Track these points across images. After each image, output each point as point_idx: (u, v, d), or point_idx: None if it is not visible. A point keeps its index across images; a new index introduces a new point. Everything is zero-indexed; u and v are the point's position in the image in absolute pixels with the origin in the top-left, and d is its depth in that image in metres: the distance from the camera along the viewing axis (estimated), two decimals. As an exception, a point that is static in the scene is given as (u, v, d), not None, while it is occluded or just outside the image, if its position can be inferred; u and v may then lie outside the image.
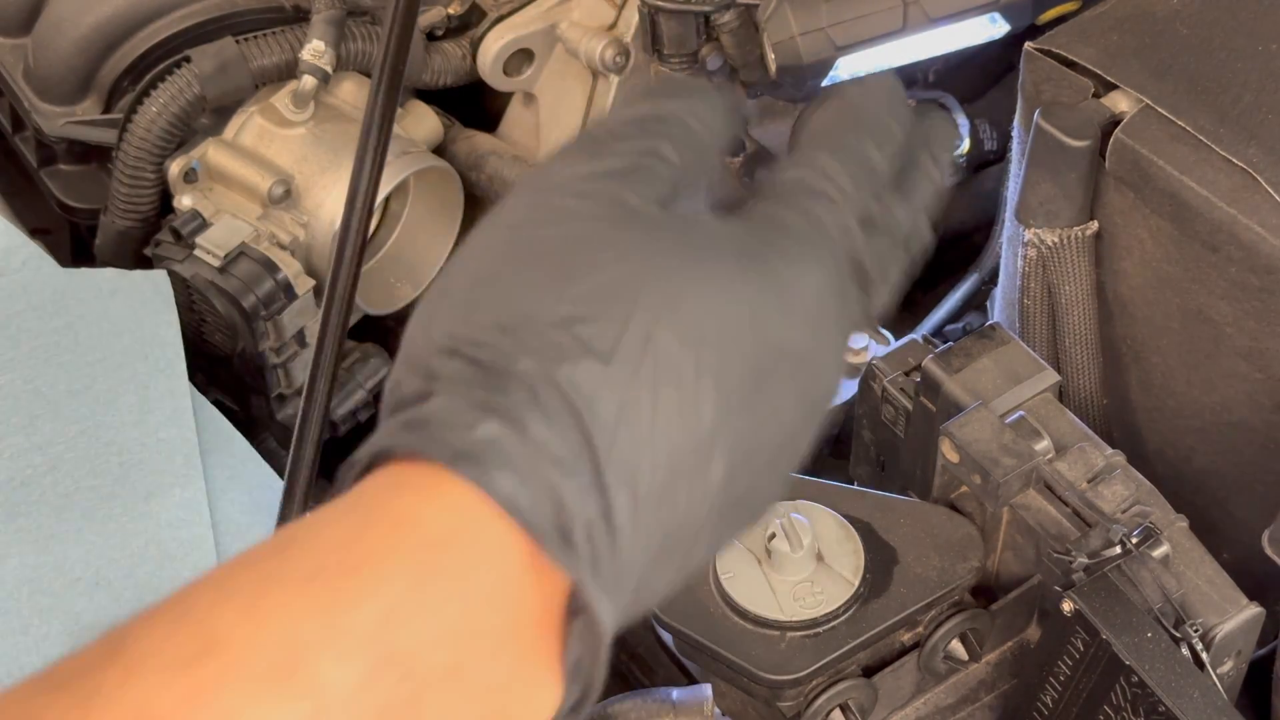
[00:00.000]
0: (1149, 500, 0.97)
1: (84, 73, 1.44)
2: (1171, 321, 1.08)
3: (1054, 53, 1.09)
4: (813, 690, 0.93)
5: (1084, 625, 0.89)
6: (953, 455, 0.98)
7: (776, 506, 0.98)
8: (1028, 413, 1.00)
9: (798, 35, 1.42)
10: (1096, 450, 0.98)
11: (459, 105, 1.55)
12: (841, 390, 1.23)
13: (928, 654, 0.97)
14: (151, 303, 1.26)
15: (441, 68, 1.48)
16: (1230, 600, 0.93)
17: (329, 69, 1.37)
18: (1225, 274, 1.01)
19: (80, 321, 1.23)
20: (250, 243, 1.33)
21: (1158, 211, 1.04)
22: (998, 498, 0.96)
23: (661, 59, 1.40)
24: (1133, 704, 0.88)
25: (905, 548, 0.97)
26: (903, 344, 1.10)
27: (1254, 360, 1.03)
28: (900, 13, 1.46)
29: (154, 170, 1.38)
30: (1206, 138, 1.02)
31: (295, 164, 1.38)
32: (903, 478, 1.09)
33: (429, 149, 1.48)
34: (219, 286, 1.30)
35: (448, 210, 1.49)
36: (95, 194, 1.45)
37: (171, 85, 1.35)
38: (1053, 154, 1.05)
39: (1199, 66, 1.06)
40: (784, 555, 0.94)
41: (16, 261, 1.24)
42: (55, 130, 1.45)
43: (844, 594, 0.94)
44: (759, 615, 0.93)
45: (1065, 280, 1.10)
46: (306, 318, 1.36)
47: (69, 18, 1.44)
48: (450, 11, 1.49)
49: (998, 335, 1.04)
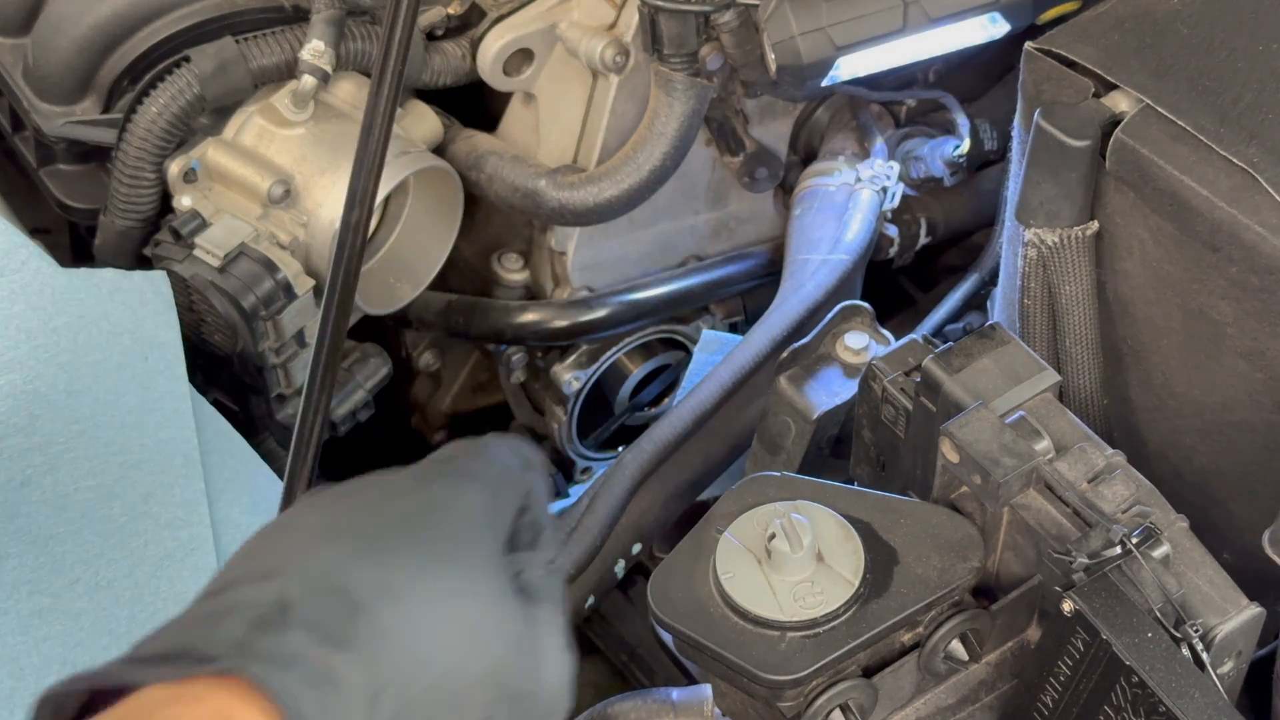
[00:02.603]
0: (1149, 500, 0.97)
1: (84, 73, 1.44)
2: (1172, 321, 1.08)
3: (1054, 53, 1.09)
4: (813, 690, 0.93)
5: (1084, 625, 0.89)
6: (953, 455, 0.98)
7: (776, 507, 0.98)
8: (1028, 413, 1.00)
9: (798, 35, 1.42)
10: (1096, 450, 0.98)
11: (459, 105, 1.55)
12: (843, 390, 1.23)
13: (928, 654, 0.97)
14: (151, 303, 1.26)
15: (441, 68, 1.48)
16: (1230, 600, 0.93)
17: (329, 69, 1.37)
18: (1226, 274, 1.01)
19: (80, 321, 1.23)
20: (250, 243, 1.33)
21: (1158, 211, 1.04)
22: (998, 498, 0.96)
23: (661, 59, 1.40)
24: (1133, 704, 0.88)
25: (905, 548, 0.97)
26: (903, 344, 1.10)
27: (1255, 360, 1.03)
28: (900, 13, 1.46)
29: (154, 170, 1.38)
30: (1206, 138, 1.02)
31: (295, 164, 1.38)
32: (903, 478, 1.09)
33: (429, 149, 1.48)
34: (219, 286, 1.30)
35: (447, 210, 1.49)
36: (95, 194, 1.45)
37: (171, 85, 1.35)
38: (1053, 154, 1.05)
39: (1199, 66, 1.06)
40: (784, 555, 0.94)
41: (16, 261, 1.24)
42: (55, 130, 1.45)
43: (844, 594, 0.94)
44: (759, 615, 0.93)
45: (1065, 280, 1.10)
46: (306, 318, 1.36)
47: (69, 18, 1.44)
48: (450, 11, 1.49)
49: (998, 335, 1.04)
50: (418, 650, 0.63)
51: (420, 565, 0.65)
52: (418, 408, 1.76)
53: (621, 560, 1.32)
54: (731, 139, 1.56)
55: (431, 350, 1.68)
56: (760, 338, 1.41)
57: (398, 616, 0.63)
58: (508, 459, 0.74)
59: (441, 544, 0.67)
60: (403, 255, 1.50)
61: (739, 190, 1.62)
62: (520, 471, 0.74)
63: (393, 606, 0.63)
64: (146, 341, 1.24)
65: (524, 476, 0.74)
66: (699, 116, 1.44)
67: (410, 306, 1.53)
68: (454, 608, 0.65)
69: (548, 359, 1.62)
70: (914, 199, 1.68)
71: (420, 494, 0.69)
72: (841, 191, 1.57)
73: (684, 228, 1.61)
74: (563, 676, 0.69)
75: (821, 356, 1.25)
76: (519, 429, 1.68)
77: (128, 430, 1.19)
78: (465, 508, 0.69)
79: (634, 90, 1.46)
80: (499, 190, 1.48)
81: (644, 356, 1.65)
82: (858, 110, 1.65)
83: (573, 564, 1.27)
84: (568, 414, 1.63)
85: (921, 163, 1.64)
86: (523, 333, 1.56)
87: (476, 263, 1.61)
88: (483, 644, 0.65)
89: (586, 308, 1.56)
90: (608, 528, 1.30)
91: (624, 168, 1.44)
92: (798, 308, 1.44)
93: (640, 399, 1.67)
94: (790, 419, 1.23)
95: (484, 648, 0.65)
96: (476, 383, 1.74)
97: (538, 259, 1.59)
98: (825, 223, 1.55)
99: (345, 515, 0.68)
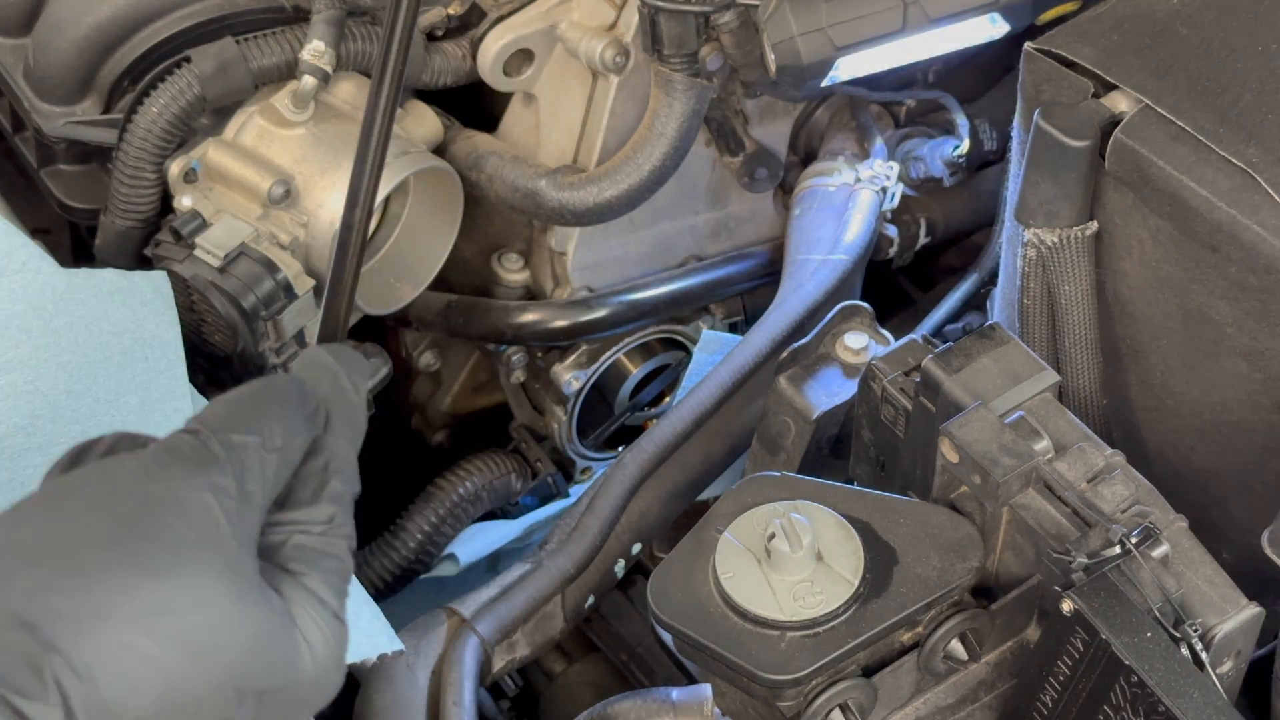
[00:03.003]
0: (1149, 500, 0.97)
1: (84, 73, 1.44)
2: (1171, 321, 1.08)
3: (1054, 53, 1.09)
4: (812, 690, 0.93)
5: (1084, 625, 0.89)
6: (953, 455, 0.98)
7: (776, 506, 0.98)
8: (1027, 413, 1.00)
9: (798, 35, 1.42)
10: (1096, 450, 0.98)
11: (459, 105, 1.55)
12: (842, 390, 1.23)
13: (927, 654, 0.97)
14: (152, 303, 1.26)
15: (441, 68, 1.48)
16: (1230, 600, 0.93)
17: (329, 69, 1.37)
18: (1225, 274, 1.01)
19: (80, 322, 1.23)
20: (250, 243, 1.33)
21: (1158, 211, 1.04)
22: (997, 498, 0.96)
23: (661, 59, 1.40)
24: (1132, 704, 0.88)
25: (905, 548, 0.97)
26: (903, 344, 1.10)
27: (1254, 360, 1.03)
28: (900, 13, 1.46)
29: (154, 170, 1.38)
30: (1206, 138, 1.02)
31: (295, 164, 1.38)
32: (903, 478, 1.09)
33: (429, 149, 1.48)
34: (219, 286, 1.30)
35: (447, 210, 1.49)
36: (95, 194, 1.45)
37: (171, 85, 1.36)
38: (1053, 154, 1.05)
39: (1199, 66, 1.06)
40: (784, 555, 0.94)
41: (17, 262, 1.24)
42: (55, 130, 1.45)
43: (844, 594, 0.94)
44: (759, 615, 0.93)
45: (1065, 280, 1.10)
46: (306, 318, 1.36)
47: (69, 18, 1.44)
48: (450, 11, 1.49)
49: (998, 335, 1.04)
50: (125, 679, 0.60)
51: (130, 585, 0.61)
52: (418, 408, 1.76)
53: (621, 560, 1.32)
54: (731, 139, 1.56)
55: (431, 350, 1.68)
56: (760, 338, 1.41)
57: (97, 648, 0.60)
58: (284, 409, 0.69)
59: (159, 554, 0.62)
60: (403, 255, 1.50)
61: (739, 190, 1.62)
62: (302, 420, 0.70)
63: (93, 639, 0.60)
64: (147, 341, 1.24)
65: (308, 423, 0.70)
66: (699, 117, 1.44)
67: (410, 306, 1.53)
68: (172, 623, 0.61)
69: (548, 359, 1.62)
70: (914, 199, 1.68)
71: (140, 495, 0.64)
72: (841, 192, 1.58)
73: (684, 228, 1.61)
74: (327, 653, 0.66)
75: (821, 356, 1.25)
76: (519, 429, 1.68)
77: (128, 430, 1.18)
78: (194, 503, 0.64)
79: (634, 90, 1.46)
80: (499, 190, 1.48)
81: (644, 356, 1.65)
82: (857, 110, 1.65)
83: (573, 564, 1.27)
84: (568, 414, 1.63)
85: (921, 163, 1.65)
86: (523, 333, 1.56)
87: (476, 263, 1.61)
88: (210, 653, 0.62)
89: (586, 308, 1.56)
90: (608, 528, 1.30)
91: (624, 168, 1.44)
92: (797, 308, 1.44)
93: (640, 399, 1.67)
94: (790, 419, 1.23)
95: (213, 656, 0.62)
96: (476, 383, 1.74)
97: (538, 259, 1.59)
98: (825, 223, 1.55)
99: (47, 531, 0.63)
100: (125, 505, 0.64)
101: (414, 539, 1.49)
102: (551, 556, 1.27)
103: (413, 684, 1.14)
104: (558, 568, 1.26)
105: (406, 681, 1.14)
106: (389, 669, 1.13)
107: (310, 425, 0.71)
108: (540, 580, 1.25)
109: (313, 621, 0.66)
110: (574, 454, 1.67)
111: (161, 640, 0.61)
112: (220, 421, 0.68)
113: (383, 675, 1.14)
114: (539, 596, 1.24)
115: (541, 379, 1.63)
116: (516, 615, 1.23)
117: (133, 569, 0.62)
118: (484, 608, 1.21)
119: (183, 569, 0.62)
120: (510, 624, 1.22)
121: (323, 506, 0.69)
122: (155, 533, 0.63)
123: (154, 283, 1.28)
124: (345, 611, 0.69)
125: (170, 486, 0.65)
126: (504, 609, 1.22)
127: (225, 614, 0.63)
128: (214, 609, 0.63)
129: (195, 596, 0.62)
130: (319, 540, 0.69)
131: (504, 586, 1.24)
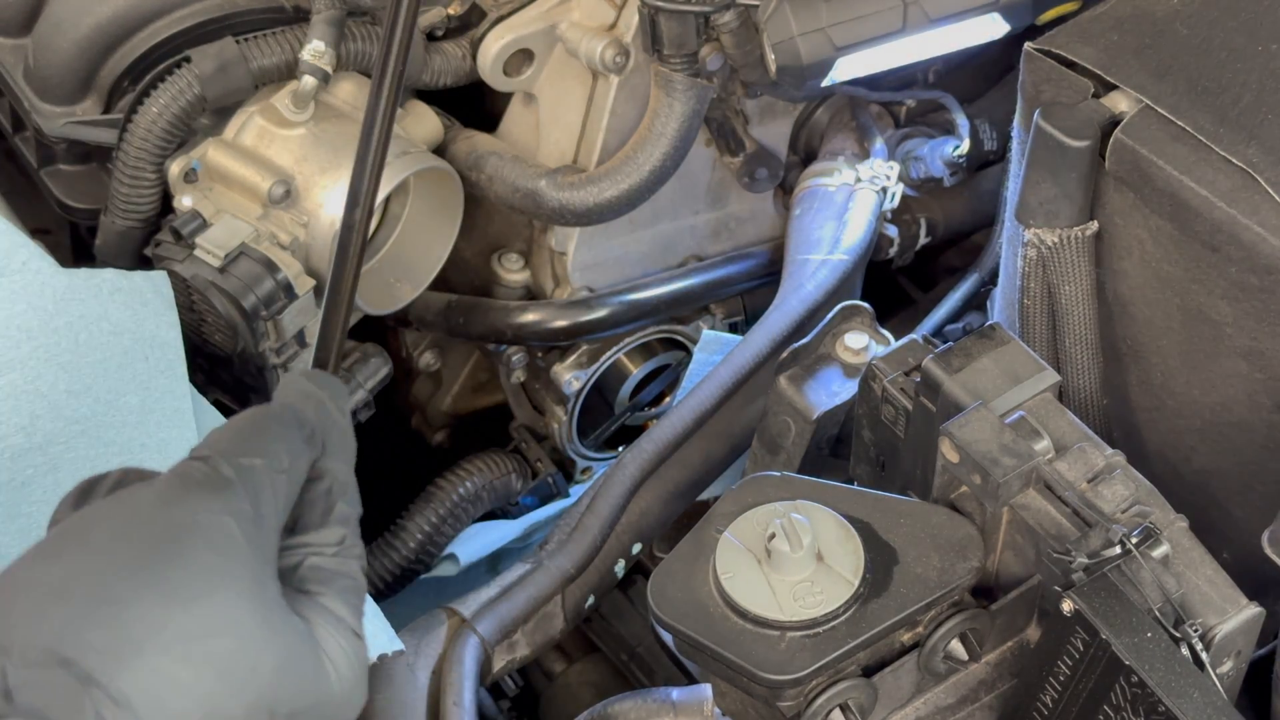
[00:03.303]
0: (1149, 500, 0.97)
1: (84, 73, 1.44)
2: (1171, 321, 1.08)
3: (1054, 53, 1.09)
4: (813, 690, 0.93)
5: (1084, 625, 0.89)
6: (953, 455, 0.98)
7: (776, 506, 0.98)
8: (1028, 413, 1.00)
9: (798, 35, 1.42)
10: (1096, 450, 0.98)
11: (459, 105, 1.55)
12: (842, 390, 1.23)
13: (928, 654, 0.97)
14: (152, 303, 1.26)
15: (441, 68, 1.48)
16: (1230, 600, 0.93)
17: (329, 69, 1.37)
18: (1225, 274, 1.01)
19: (80, 321, 1.23)
20: (250, 243, 1.33)
21: (1158, 211, 1.04)
22: (998, 498, 0.96)
23: (661, 59, 1.40)
24: (1132, 704, 0.88)
25: (905, 548, 0.97)
26: (903, 344, 1.10)
27: (1254, 360, 1.03)
28: (900, 13, 1.46)
29: (154, 170, 1.38)
30: (1206, 138, 1.02)
31: (295, 164, 1.38)
32: (903, 478, 1.09)
33: (429, 149, 1.48)
34: (219, 286, 1.30)
35: (448, 210, 1.49)
36: (95, 194, 1.45)
37: (172, 85, 1.36)
38: (1053, 154, 1.05)
39: (1199, 66, 1.06)
40: (784, 555, 0.94)
41: (17, 262, 1.24)
42: (55, 130, 1.45)
43: (844, 594, 0.94)
44: (759, 615, 0.93)
45: (1065, 280, 1.10)
46: (306, 318, 1.36)
47: (69, 18, 1.44)
48: (450, 11, 1.49)
49: (998, 335, 1.04)
50: (164, 707, 0.61)
51: (162, 612, 0.62)
52: (418, 408, 1.76)
53: (621, 560, 1.32)
54: (731, 139, 1.56)
55: (431, 350, 1.68)
56: (760, 338, 1.41)
57: (135, 678, 0.60)
58: (285, 433, 0.70)
59: (187, 580, 0.63)
60: (403, 255, 1.50)
61: (739, 190, 1.62)
62: (303, 443, 0.70)
63: (130, 669, 0.60)
64: (147, 341, 1.23)
65: (308, 446, 0.70)
66: (699, 117, 1.44)
67: (410, 306, 1.53)
68: (205, 648, 0.62)
69: (548, 359, 1.62)
70: (914, 199, 1.68)
71: (162, 522, 0.64)
72: (841, 192, 1.58)
73: (684, 228, 1.61)
74: (350, 670, 0.67)
75: (821, 356, 1.25)
76: (519, 429, 1.68)
77: (128, 430, 1.19)
78: (215, 527, 0.65)
79: (634, 90, 1.46)
80: (499, 190, 1.48)
81: (644, 356, 1.65)
82: (857, 110, 1.65)
83: (573, 564, 1.27)
84: (568, 414, 1.63)
85: (921, 163, 1.65)
86: (523, 333, 1.56)
87: (476, 263, 1.61)
88: (243, 675, 0.63)
89: (586, 308, 1.56)
90: (608, 528, 1.30)
91: (624, 168, 1.44)
92: (798, 308, 1.44)
93: (640, 399, 1.67)
94: (790, 419, 1.23)
95: (246, 678, 0.63)
96: (476, 383, 1.74)
97: (538, 259, 1.59)
98: (825, 223, 1.55)
99: (74, 566, 0.63)
100: (148, 534, 0.64)
101: (414, 539, 1.49)
102: (552, 556, 1.27)
103: (413, 684, 1.14)
104: (558, 568, 1.26)
105: (406, 681, 1.14)
106: (389, 669, 1.13)
107: (310, 448, 0.71)
108: (540, 580, 1.25)
109: (334, 640, 0.67)
110: (574, 454, 1.67)
111: (196, 666, 0.62)
112: (227, 446, 0.68)
113: (383, 675, 1.14)
114: (539, 596, 1.24)
115: (542, 379, 1.63)
116: (517, 615, 1.23)
117: (162, 596, 0.62)
118: (484, 608, 1.21)
119: (211, 593, 0.63)
120: (510, 624, 1.22)
121: (333, 529, 0.70)
122: (181, 559, 0.63)
123: (154, 283, 1.28)
124: (364, 630, 0.70)
125: (190, 512, 0.65)
126: (504, 609, 1.22)
127: (254, 636, 0.63)
128: (243, 631, 0.63)
129: (225, 620, 0.63)
130: (333, 561, 0.69)
131: (504, 586, 1.24)
